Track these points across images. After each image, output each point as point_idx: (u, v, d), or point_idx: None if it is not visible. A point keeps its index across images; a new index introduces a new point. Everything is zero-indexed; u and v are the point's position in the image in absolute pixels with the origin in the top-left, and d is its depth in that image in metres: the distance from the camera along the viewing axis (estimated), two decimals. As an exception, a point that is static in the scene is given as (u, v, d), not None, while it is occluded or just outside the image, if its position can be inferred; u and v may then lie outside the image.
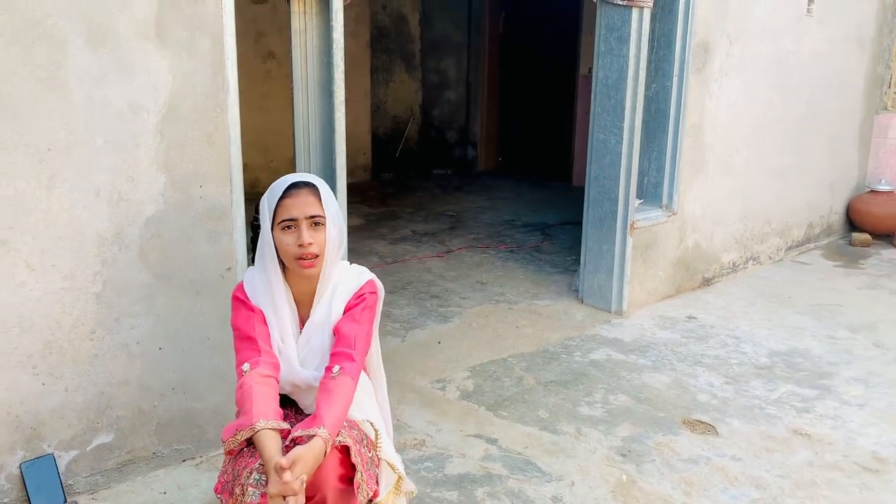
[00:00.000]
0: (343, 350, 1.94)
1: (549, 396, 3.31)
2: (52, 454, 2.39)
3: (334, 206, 1.98)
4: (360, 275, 2.07)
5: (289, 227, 1.93)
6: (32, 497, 2.33)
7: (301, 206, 1.92)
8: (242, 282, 2.07)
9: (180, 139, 2.50)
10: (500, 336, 3.97)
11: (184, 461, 2.69)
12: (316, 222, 1.93)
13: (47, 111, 2.23)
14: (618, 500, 2.57)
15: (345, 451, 1.84)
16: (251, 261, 2.88)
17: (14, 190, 2.20)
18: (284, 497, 1.66)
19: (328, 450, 1.77)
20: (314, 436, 1.75)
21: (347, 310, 2.02)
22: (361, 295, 2.03)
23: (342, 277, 2.05)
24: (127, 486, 2.55)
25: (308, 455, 1.71)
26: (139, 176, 2.43)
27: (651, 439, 2.97)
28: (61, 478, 2.39)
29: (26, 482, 2.33)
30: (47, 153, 2.25)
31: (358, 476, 1.84)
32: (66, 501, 2.38)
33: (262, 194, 2.00)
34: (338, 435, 1.83)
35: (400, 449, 2.73)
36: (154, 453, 2.63)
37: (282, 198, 1.93)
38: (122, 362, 2.50)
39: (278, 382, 1.97)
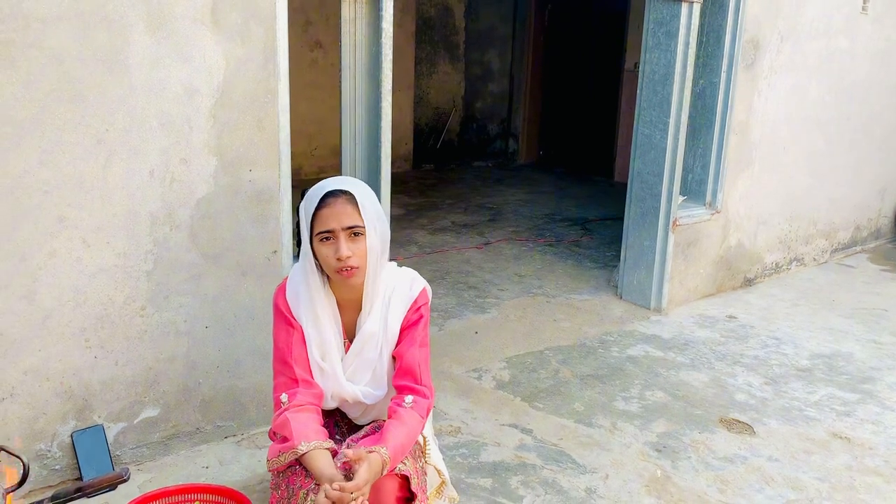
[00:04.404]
0: (413, 385, 1.91)
1: (584, 390, 3.31)
2: (101, 425, 2.48)
3: (373, 212, 1.88)
4: (413, 282, 2.00)
5: (327, 238, 1.84)
6: (82, 465, 2.41)
7: (338, 216, 1.83)
8: (286, 281, 2.01)
9: (232, 123, 2.56)
10: (536, 328, 3.99)
11: (225, 438, 2.76)
12: (355, 232, 1.84)
13: (107, 93, 2.30)
14: (652, 495, 2.57)
15: (405, 479, 1.84)
16: (297, 245, 2.93)
17: (74, 169, 2.28)
18: None
19: (385, 471, 1.74)
20: (374, 452, 1.73)
21: (405, 327, 1.97)
22: (418, 308, 1.97)
23: (394, 283, 1.98)
24: (171, 458, 2.63)
25: (364, 469, 1.69)
26: (192, 158, 2.50)
27: (687, 436, 2.96)
28: (109, 448, 2.48)
29: (77, 450, 2.42)
30: (106, 134, 2.32)
31: None
32: (113, 470, 2.46)
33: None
34: (400, 463, 1.82)
35: (436, 435, 2.77)
36: (197, 429, 2.70)
37: (317, 208, 1.85)
38: (169, 339, 2.57)
39: (320, 408, 1.95)
